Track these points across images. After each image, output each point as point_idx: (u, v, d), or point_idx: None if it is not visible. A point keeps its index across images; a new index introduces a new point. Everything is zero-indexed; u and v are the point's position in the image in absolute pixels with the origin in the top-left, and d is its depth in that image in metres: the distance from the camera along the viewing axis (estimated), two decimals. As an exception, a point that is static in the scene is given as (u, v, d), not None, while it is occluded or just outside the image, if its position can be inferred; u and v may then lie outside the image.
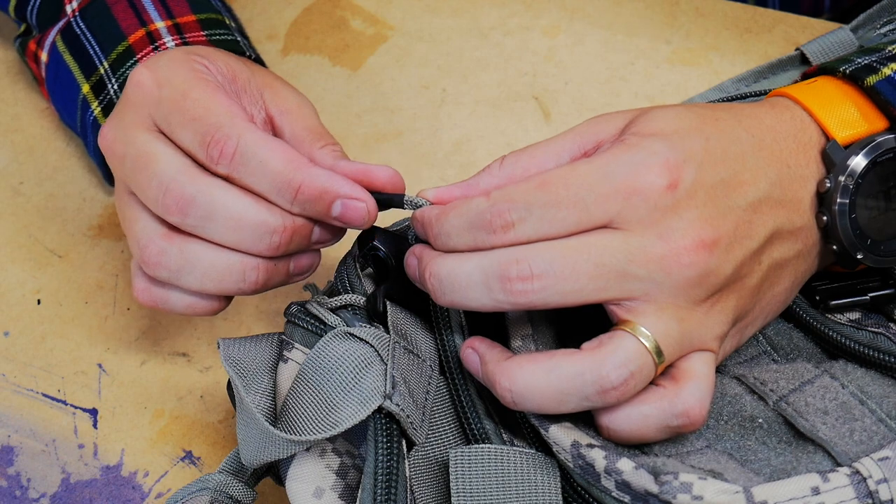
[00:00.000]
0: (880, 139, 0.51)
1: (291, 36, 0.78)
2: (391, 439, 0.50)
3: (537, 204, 0.47)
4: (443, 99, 0.74)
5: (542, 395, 0.47)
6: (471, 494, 0.48)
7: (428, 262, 0.50)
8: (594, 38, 0.75)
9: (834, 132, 0.51)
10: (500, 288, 0.47)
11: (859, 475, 0.45)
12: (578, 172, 0.48)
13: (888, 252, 0.51)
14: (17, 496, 0.62)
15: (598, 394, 0.46)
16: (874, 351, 0.51)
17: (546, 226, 0.47)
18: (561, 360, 0.47)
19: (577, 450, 0.47)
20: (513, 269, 0.47)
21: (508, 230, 0.47)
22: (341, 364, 0.51)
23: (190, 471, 0.63)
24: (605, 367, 0.46)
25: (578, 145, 0.51)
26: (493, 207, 0.48)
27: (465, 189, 0.52)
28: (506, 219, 0.47)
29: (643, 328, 0.47)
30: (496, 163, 0.52)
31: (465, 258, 0.48)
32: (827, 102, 0.52)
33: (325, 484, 0.51)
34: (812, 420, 0.49)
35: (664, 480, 0.45)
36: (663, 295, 0.47)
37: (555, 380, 0.47)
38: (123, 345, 0.67)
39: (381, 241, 0.54)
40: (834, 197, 0.50)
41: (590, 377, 0.46)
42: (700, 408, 0.47)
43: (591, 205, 0.47)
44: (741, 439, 0.50)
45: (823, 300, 0.54)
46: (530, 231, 0.47)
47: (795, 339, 0.55)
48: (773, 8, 0.77)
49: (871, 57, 0.53)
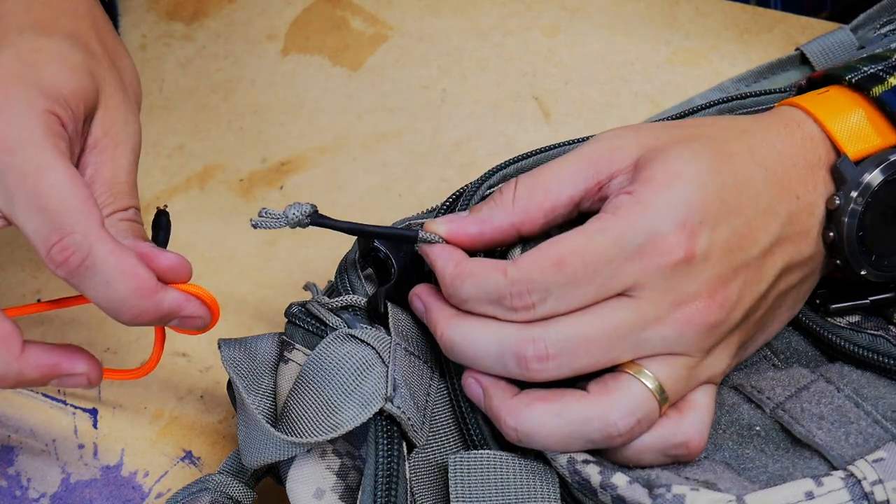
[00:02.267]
0: (893, 157, 0.50)
1: (291, 36, 0.78)
2: (392, 441, 0.50)
3: (556, 285, 0.47)
4: (443, 99, 0.74)
5: (549, 437, 0.47)
6: (470, 500, 0.48)
7: (439, 321, 0.50)
8: (594, 38, 0.75)
9: (846, 147, 0.51)
10: (515, 364, 0.47)
11: (854, 477, 0.45)
12: (595, 246, 0.47)
13: (892, 267, 0.51)
14: (17, 496, 0.62)
15: (604, 439, 0.47)
16: (873, 353, 0.51)
17: (564, 304, 0.47)
18: (569, 404, 0.47)
19: (573, 466, 0.48)
20: (529, 349, 0.47)
21: (529, 311, 0.48)
22: (342, 366, 0.51)
23: (190, 471, 0.63)
24: (613, 415, 0.46)
25: (592, 175, 0.50)
26: (513, 288, 0.47)
27: (480, 225, 0.51)
28: (525, 301, 0.47)
29: (648, 371, 0.47)
30: (509, 191, 0.51)
31: (480, 326, 0.49)
32: (839, 115, 0.51)
33: (326, 485, 0.51)
34: (808, 426, 0.49)
35: (657, 494, 0.45)
36: (673, 349, 0.47)
37: (563, 423, 0.47)
38: (123, 345, 0.67)
39: (382, 242, 0.54)
40: (843, 213, 0.50)
41: (597, 424, 0.47)
42: (700, 438, 0.48)
43: (608, 279, 0.47)
44: (739, 448, 0.50)
45: (824, 304, 0.54)
46: (549, 310, 0.47)
47: (794, 342, 0.55)
48: (774, 7, 0.77)
49: (877, 66, 0.52)
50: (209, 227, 0.71)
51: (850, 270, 0.51)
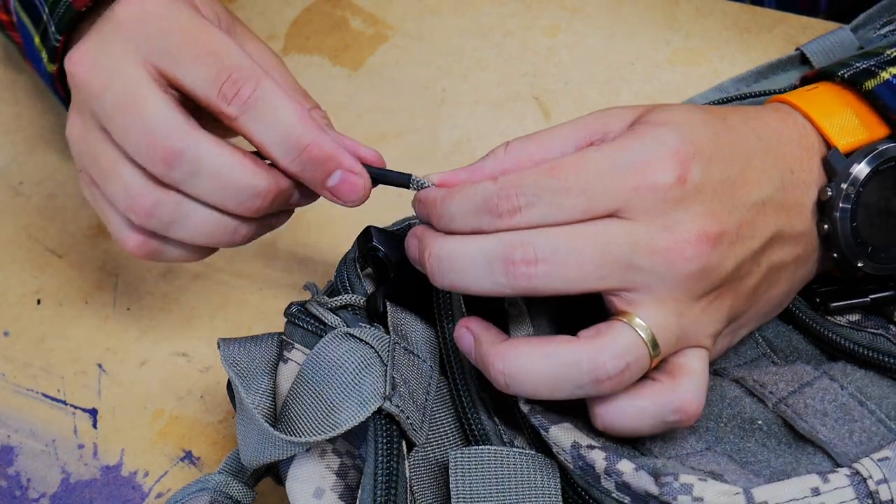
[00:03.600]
0: (882, 147, 0.50)
1: (291, 36, 0.78)
2: (391, 440, 0.50)
3: (547, 189, 0.47)
4: (443, 99, 0.74)
5: (537, 380, 0.47)
6: (470, 496, 0.48)
7: (428, 243, 0.49)
8: (594, 38, 0.75)
9: (835, 140, 0.51)
10: (502, 271, 0.47)
11: (859, 476, 0.45)
12: (589, 160, 0.47)
13: (889, 259, 0.51)
14: (17, 496, 0.62)
15: (593, 382, 0.46)
16: (873, 352, 0.51)
17: (554, 212, 0.47)
18: (558, 346, 0.47)
19: (577, 451, 0.47)
20: (517, 253, 0.46)
21: (515, 214, 0.47)
22: (341, 365, 0.51)
23: (190, 471, 0.63)
24: (602, 357, 0.46)
25: (586, 135, 0.50)
26: (502, 191, 0.47)
27: (471, 173, 0.51)
28: (514, 203, 0.47)
29: (640, 319, 0.47)
30: (501, 148, 0.51)
31: (467, 239, 0.48)
32: (827, 109, 0.52)
33: (326, 484, 0.51)
34: (811, 422, 0.49)
35: (665, 482, 0.45)
36: (664, 288, 0.47)
37: (551, 365, 0.46)
38: (123, 345, 0.67)
39: (381, 242, 0.54)
40: (835, 205, 0.50)
41: (586, 366, 0.46)
42: (696, 403, 0.47)
43: (600, 193, 0.47)
44: (741, 441, 0.50)
45: (824, 302, 0.54)
46: (537, 216, 0.47)
47: (795, 341, 0.55)
48: (770, 6, 0.77)
49: (869, 61, 0.53)
50: (209, 227, 0.71)
51: (846, 264, 0.51)
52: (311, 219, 0.70)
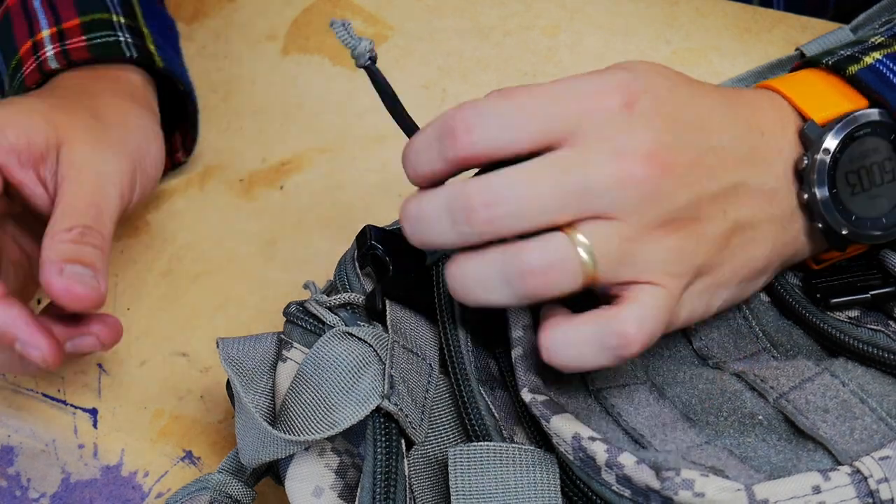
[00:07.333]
0: (858, 113, 0.51)
1: (291, 36, 0.78)
2: (390, 439, 0.50)
3: (500, 108, 0.47)
4: (443, 99, 0.74)
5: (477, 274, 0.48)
6: (470, 493, 0.48)
7: (403, 205, 0.50)
8: (594, 38, 0.75)
9: (812, 114, 0.51)
10: (464, 217, 0.47)
11: (860, 474, 0.45)
12: (543, 87, 0.48)
13: (874, 227, 0.51)
14: (17, 496, 0.62)
15: (518, 276, 0.47)
16: (874, 348, 0.51)
17: (507, 133, 0.47)
18: (488, 249, 0.48)
19: (578, 442, 0.47)
20: (476, 197, 0.47)
21: (471, 133, 0.47)
22: (339, 364, 0.51)
23: (190, 471, 0.63)
24: (526, 252, 0.47)
25: None
26: (458, 114, 0.48)
27: None
28: (468, 123, 0.48)
29: (580, 235, 0.47)
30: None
31: (430, 193, 0.49)
32: (808, 90, 0.52)
33: (325, 483, 0.51)
34: (812, 418, 0.49)
35: (666, 476, 0.45)
36: (618, 212, 0.47)
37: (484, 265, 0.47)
38: (123, 345, 0.67)
39: (379, 240, 0.54)
40: (812, 173, 0.50)
41: (510, 256, 0.47)
42: (637, 330, 0.47)
43: (552, 115, 0.47)
44: (741, 436, 0.50)
45: (824, 298, 0.54)
46: (492, 137, 0.47)
47: (795, 336, 0.55)
48: (779, 7, 0.77)
49: (854, 48, 0.53)
50: (209, 227, 0.71)
51: (832, 233, 0.51)
52: (311, 219, 0.70)
